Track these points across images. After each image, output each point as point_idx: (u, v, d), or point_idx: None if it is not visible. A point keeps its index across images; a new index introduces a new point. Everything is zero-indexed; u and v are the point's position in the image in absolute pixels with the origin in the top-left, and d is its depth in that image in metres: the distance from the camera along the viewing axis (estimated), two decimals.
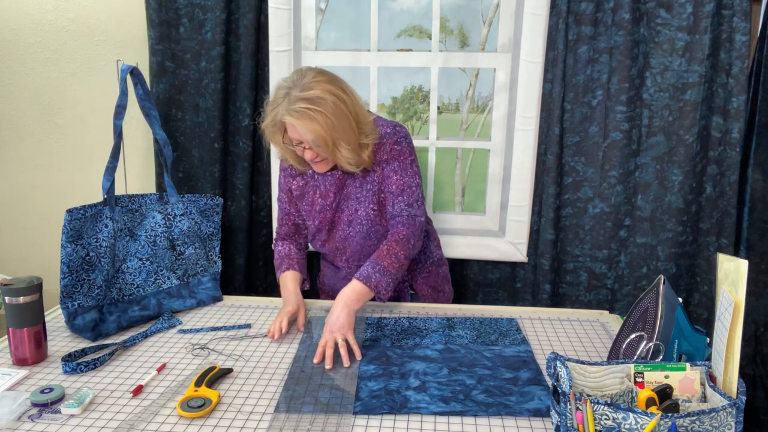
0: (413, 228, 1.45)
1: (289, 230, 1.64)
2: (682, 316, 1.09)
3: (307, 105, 1.31)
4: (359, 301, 1.34)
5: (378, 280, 1.36)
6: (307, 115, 1.32)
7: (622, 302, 2.00)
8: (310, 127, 1.33)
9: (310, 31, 2.00)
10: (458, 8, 1.96)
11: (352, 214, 1.53)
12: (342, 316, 1.30)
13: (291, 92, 1.34)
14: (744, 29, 1.73)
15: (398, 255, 1.40)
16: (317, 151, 1.40)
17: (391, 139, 1.48)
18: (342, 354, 1.25)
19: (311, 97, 1.32)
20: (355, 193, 1.52)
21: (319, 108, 1.32)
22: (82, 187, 2.14)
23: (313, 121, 1.32)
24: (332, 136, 1.35)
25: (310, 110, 1.32)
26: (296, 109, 1.32)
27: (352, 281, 1.37)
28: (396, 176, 1.47)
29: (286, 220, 1.63)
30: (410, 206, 1.47)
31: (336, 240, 1.57)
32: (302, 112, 1.32)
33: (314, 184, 1.55)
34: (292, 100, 1.33)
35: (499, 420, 1.04)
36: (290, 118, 1.33)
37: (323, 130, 1.33)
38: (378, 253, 1.40)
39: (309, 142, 1.37)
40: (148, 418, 1.03)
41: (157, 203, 1.60)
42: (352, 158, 1.41)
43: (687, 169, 1.85)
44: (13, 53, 2.05)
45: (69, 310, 1.35)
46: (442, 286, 1.73)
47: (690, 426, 0.84)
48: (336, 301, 1.34)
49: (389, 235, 1.46)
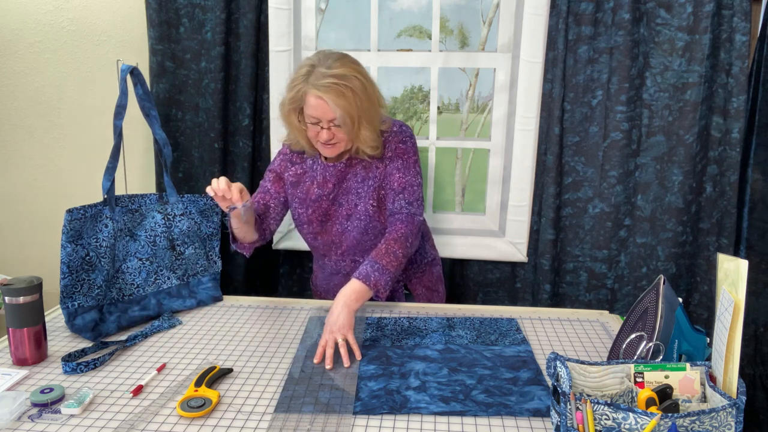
0: (412, 226, 1.45)
1: (258, 207, 1.57)
2: (682, 316, 1.09)
3: (336, 80, 1.33)
4: (359, 300, 1.34)
5: (377, 279, 1.35)
6: (337, 90, 1.33)
7: (622, 302, 2.00)
8: (339, 102, 1.34)
9: (310, 31, 2.00)
10: (458, 8, 1.96)
11: (352, 208, 1.52)
12: (342, 316, 1.30)
13: (316, 69, 1.35)
14: (744, 29, 1.73)
15: (396, 253, 1.39)
16: (337, 132, 1.40)
17: (397, 138, 1.50)
18: (342, 354, 1.24)
19: (340, 74, 1.34)
20: (356, 187, 1.52)
21: (349, 84, 1.34)
22: (82, 187, 2.14)
23: (342, 97, 1.34)
24: (358, 114, 1.37)
25: (339, 86, 1.33)
26: (325, 84, 1.33)
27: (352, 280, 1.35)
28: (399, 174, 1.48)
29: (260, 198, 1.58)
30: (410, 204, 1.47)
31: (332, 233, 1.56)
32: (331, 87, 1.33)
33: (311, 174, 1.54)
34: (319, 76, 1.34)
35: (499, 420, 1.04)
36: (318, 92, 1.34)
37: (351, 107, 1.35)
38: (377, 252, 1.39)
39: (336, 119, 1.37)
40: (148, 418, 1.03)
41: (157, 203, 1.60)
42: (372, 140, 1.43)
43: (687, 169, 1.85)
44: (13, 53, 2.05)
45: (69, 310, 1.35)
46: (437, 285, 1.73)
47: (690, 426, 0.84)
48: (336, 301, 1.33)
49: (387, 232, 1.45)
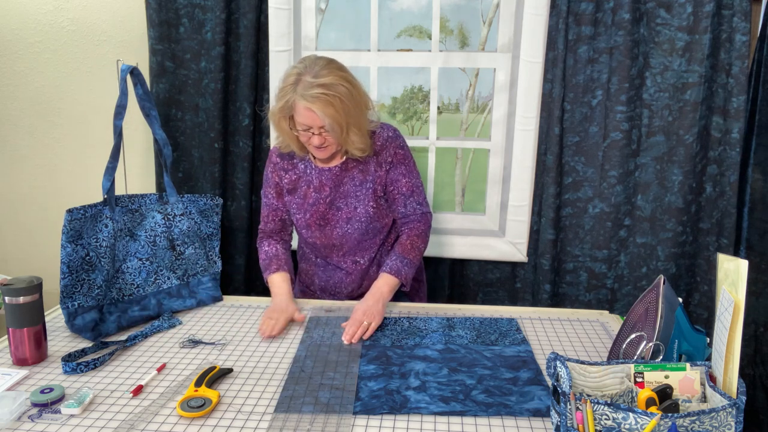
0: (427, 224, 1.60)
1: (275, 227, 1.65)
2: (682, 316, 1.09)
3: (323, 90, 1.36)
4: (391, 292, 1.50)
5: (407, 273, 1.52)
6: (324, 100, 1.36)
7: (622, 302, 2.00)
8: (327, 112, 1.37)
9: (310, 31, 2.00)
10: (458, 8, 1.96)
11: (351, 211, 1.56)
12: (378, 305, 1.44)
13: (303, 78, 1.38)
14: (744, 29, 1.73)
15: (420, 248, 1.56)
16: (328, 137, 1.44)
17: (395, 143, 1.56)
18: (365, 335, 1.37)
19: (327, 83, 1.37)
20: (354, 191, 1.55)
21: (336, 93, 1.37)
22: (82, 187, 2.14)
23: (330, 106, 1.37)
24: (346, 121, 1.41)
25: (327, 95, 1.36)
26: (313, 95, 1.36)
27: (384, 275, 1.50)
28: (405, 179, 1.57)
29: (272, 216, 1.64)
30: (421, 204, 1.59)
31: (333, 237, 1.59)
32: (319, 97, 1.36)
33: (307, 178, 1.57)
34: (307, 86, 1.37)
35: (499, 420, 1.04)
36: (306, 102, 1.37)
37: (339, 115, 1.38)
38: (403, 248, 1.54)
39: (325, 126, 1.40)
40: (148, 418, 1.03)
41: (157, 203, 1.60)
42: (361, 143, 1.47)
43: (687, 169, 1.85)
44: (13, 53, 2.05)
45: (69, 310, 1.35)
46: (421, 276, 1.80)
47: (690, 426, 0.84)
48: (371, 292, 1.47)
49: (408, 229, 1.57)
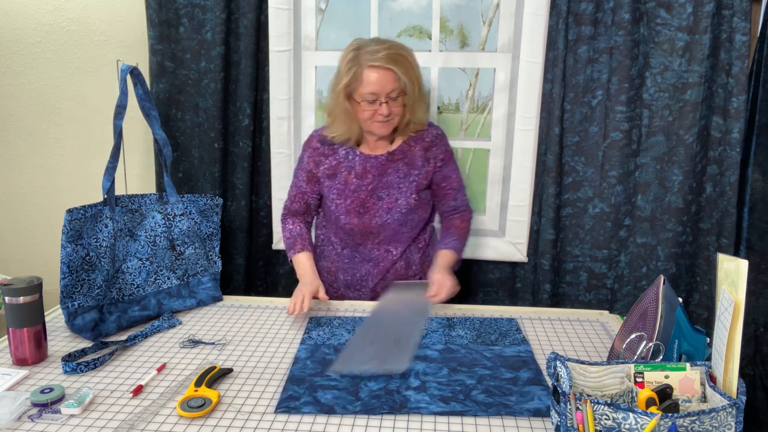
0: (472, 214, 1.76)
1: (300, 208, 1.69)
2: (682, 316, 1.09)
3: (396, 51, 1.43)
4: (454, 267, 1.63)
5: (463, 252, 1.70)
6: (403, 58, 1.44)
7: (622, 302, 2.00)
8: (405, 70, 1.44)
9: (310, 31, 2.00)
10: (458, 8, 1.96)
11: (393, 202, 1.61)
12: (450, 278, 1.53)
13: (363, 50, 1.43)
14: (744, 29, 1.73)
15: (468, 233, 1.74)
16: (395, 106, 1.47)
17: (444, 141, 1.67)
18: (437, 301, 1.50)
19: (395, 45, 1.45)
20: (397, 182, 1.60)
21: (406, 54, 1.46)
22: (82, 187, 2.14)
23: (406, 62, 1.44)
24: (419, 82, 1.48)
25: (400, 54, 1.44)
26: (386, 56, 1.41)
27: (447, 252, 1.61)
28: (455, 175, 1.69)
29: (299, 198, 1.68)
30: (467, 198, 1.75)
31: (372, 225, 1.63)
32: (394, 58, 1.42)
33: (348, 164, 1.61)
34: (373, 52, 1.42)
35: (499, 420, 1.04)
36: (381, 63, 1.41)
37: (414, 72, 1.46)
38: (460, 232, 1.69)
39: (395, 90, 1.44)
40: (148, 418, 1.03)
41: (157, 203, 1.60)
42: (423, 111, 1.57)
43: (687, 169, 1.85)
44: (13, 53, 2.05)
45: (69, 310, 1.35)
46: None
47: (690, 426, 0.84)
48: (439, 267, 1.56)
49: (460, 219, 1.70)
